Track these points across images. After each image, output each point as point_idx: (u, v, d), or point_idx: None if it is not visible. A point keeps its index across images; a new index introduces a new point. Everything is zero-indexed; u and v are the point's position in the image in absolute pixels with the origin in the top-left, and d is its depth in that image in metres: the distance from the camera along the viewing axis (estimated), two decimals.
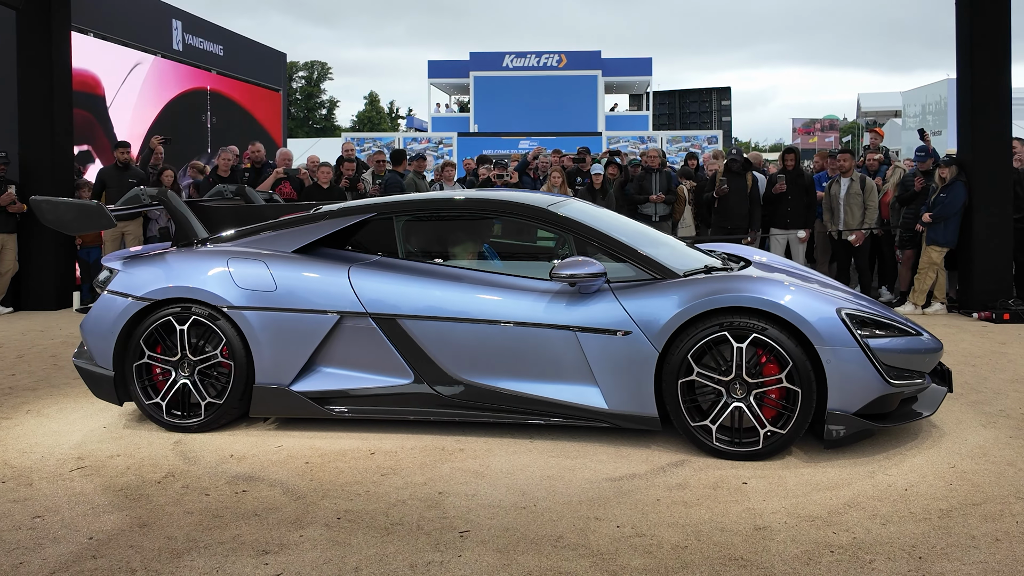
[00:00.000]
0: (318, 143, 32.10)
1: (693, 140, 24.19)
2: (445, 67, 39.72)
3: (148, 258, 4.98)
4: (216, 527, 3.41)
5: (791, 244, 9.71)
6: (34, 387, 5.93)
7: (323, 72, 66.00)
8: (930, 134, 12.83)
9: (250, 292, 4.64)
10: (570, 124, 33.20)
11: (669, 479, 3.92)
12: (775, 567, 3.02)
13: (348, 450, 4.38)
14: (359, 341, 4.59)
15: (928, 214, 8.87)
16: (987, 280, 8.81)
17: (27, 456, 4.36)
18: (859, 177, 9.41)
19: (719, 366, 4.17)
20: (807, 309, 4.12)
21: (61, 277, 10.09)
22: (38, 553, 3.19)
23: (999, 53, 8.90)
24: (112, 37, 13.42)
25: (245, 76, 18.17)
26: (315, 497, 3.73)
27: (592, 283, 4.36)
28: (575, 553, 3.14)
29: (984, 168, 8.88)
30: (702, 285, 4.29)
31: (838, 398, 4.09)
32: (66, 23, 10.34)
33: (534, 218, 4.83)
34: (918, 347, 4.35)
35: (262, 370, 4.63)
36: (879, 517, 3.45)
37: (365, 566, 3.06)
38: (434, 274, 4.67)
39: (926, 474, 3.95)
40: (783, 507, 3.56)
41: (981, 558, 3.08)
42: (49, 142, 10.01)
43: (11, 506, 3.65)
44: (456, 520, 3.45)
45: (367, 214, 4.95)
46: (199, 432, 4.68)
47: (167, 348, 4.71)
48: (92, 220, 5.07)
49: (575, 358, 4.36)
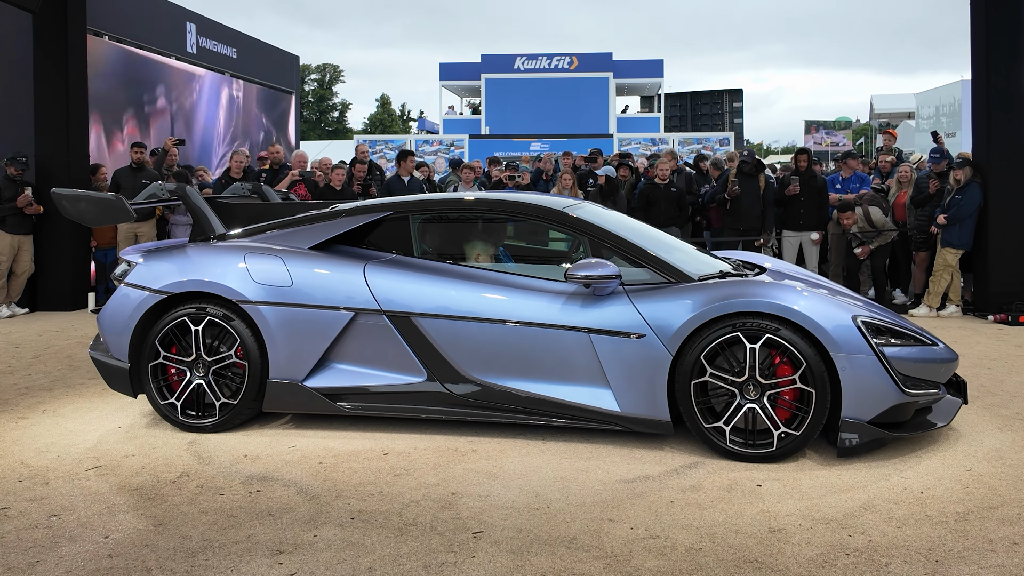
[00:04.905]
0: (330, 145, 32.21)
1: (705, 142, 24.13)
2: (456, 69, 39.75)
3: (165, 252, 5.02)
4: (230, 527, 3.42)
5: (804, 246, 9.67)
6: (50, 387, 5.97)
7: (335, 75, 66.24)
8: (944, 136, 12.75)
9: (266, 287, 4.66)
10: (581, 126, 33.16)
11: (683, 481, 3.91)
12: (790, 569, 3.01)
13: (361, 450, 4.39)
14: (373, 338, 4.60)
15: (943, 216, 8.82)
16: (1003, 282, 8.74)
17: (43, 455, 4.39)
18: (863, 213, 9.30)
19: (732, 367, 4.16)
20: (823, 316, 4.10)
21: (77, 278, 10.16)
22: (54, 552, 3.21)
23: (1014, 54, 8.84)
24: (127, 40, 13.52)
25: (258, 79, 18.27)
26: (329, 497, 3.74)
27: (607, 285, 4.36)
28: (589, 555, 3.14)
29: (999, 170, 8.82)
30: (717, 290, 4.28)
31: (853, 406, 4.07)
32: (82, 26, 10.42)
33: (550, 220, 4.84)
34: (933, 357, 4.32)
35: (276, 366, 4.65)
36: (895, 520, 3.43)
37: (379, 566, 3.06)
38: (449, 273, 4.67)
39: (942, 477, 3.93)
40: (798, 509, 3.55)
41: (998, 562, 3.05)
42: (65, 144, 10.09)
43: (28, 505, 3.68)
44: (469, 521, 3.46)
45: (383, 213, 4.97)
46: (214, 432, 4.70)
47: (182, 348, 4.74)
48: (112, 213, 5.09)
49: (588, 360, 4.35)
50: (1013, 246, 8.78)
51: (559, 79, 37.16)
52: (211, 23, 16.39)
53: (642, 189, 9.92)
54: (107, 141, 13.06)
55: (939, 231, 8.92)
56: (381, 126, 64.60)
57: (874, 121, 46.22)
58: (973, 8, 9.14)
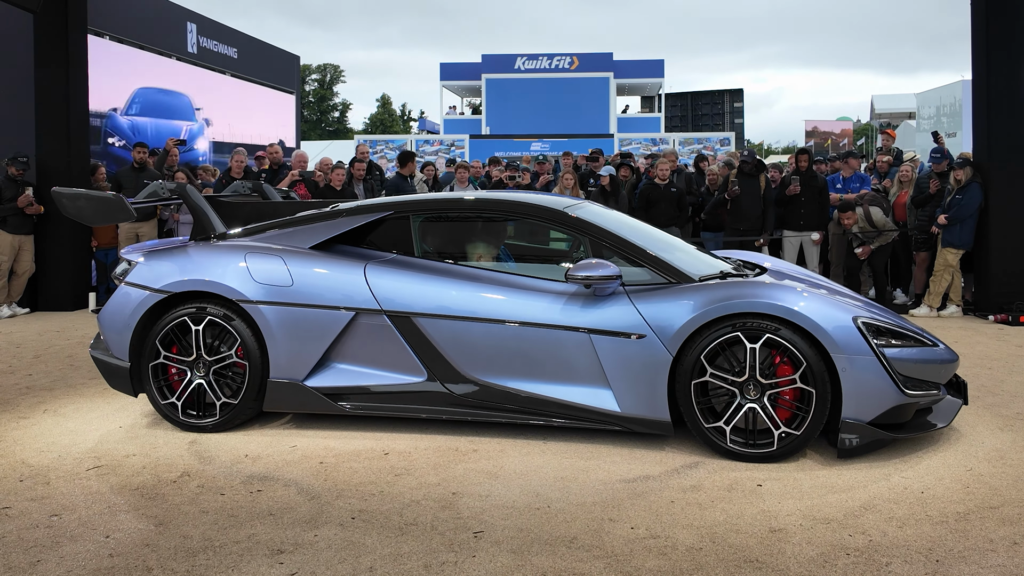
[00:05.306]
0: (331, 145, 32.22)
1: (705, 142, 24.13)
2: (457, 69, 39.76)
3: (165, 251, 5.02)
4: (231, 526, 3.42)
5: (804, 246, 9.67)
6: (51, 387, 5.98)
7: (336, 75, 66.25)
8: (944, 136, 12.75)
9: (266, 287, 4.67)
10: (582, 126, 33.17)
11: (683, 481, 3.91)
12: (790, 569, 3.01)
13: (362, 450, 4.39)
14: (373, 338, 4.61)
15: (943, 216, 8.81)
16: (1003, 282, 8.74)
17: (44, 455, 4.39)
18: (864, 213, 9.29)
19: (733, 367, 4.16)
20: (823, 316, 4.10)
21: (77, 278, 10.17)
22: (55, 551, 3.21)
23: (1015, 53, 8.83)
24: (128, 40, 13.53)
25: (259, 79, 18.27)
26: (329, 497, 3.74)
27: (607, 285, 4.36)
28: (589, 554, 3.14)
29: (1000, 170, 8.82)
30: (717, 290, 4.28)
31: (853, 407, 4.07)
32: (83, 26, 10.43)
33: (550, 220, 4.84)
34: (934, 358, 4.32)
35: (277, 365, 4.65)
36: (895, 520, 3.43)
37: (379, 566, 3.06)
38: (449, 273, 4.68)
39: (942, 477, 3.93)
40: (798, 509, 3.55)
41: (999, 562, 3.06)
42: (66, 144, 10.09)
43: (29, 504, 3.69)
44: (470, 521, 3.46)
45: (384, 212, 4.97)
46: (214, 432, 4.70)
47: (183, 348, 4.74)
48: (112, 212, 5.09)
49: (588, 360, 4.35)
50: (1014, 246, 8.77)
51: (560, 79, 37.16)
52: (212, 23, 16.40)
53: (642, 189, 9.91)
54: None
55: (940, 231, 8.92)
56: (382, 126, 64.61)
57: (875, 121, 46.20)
58: (973, 8, 9.14)
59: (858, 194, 9.78)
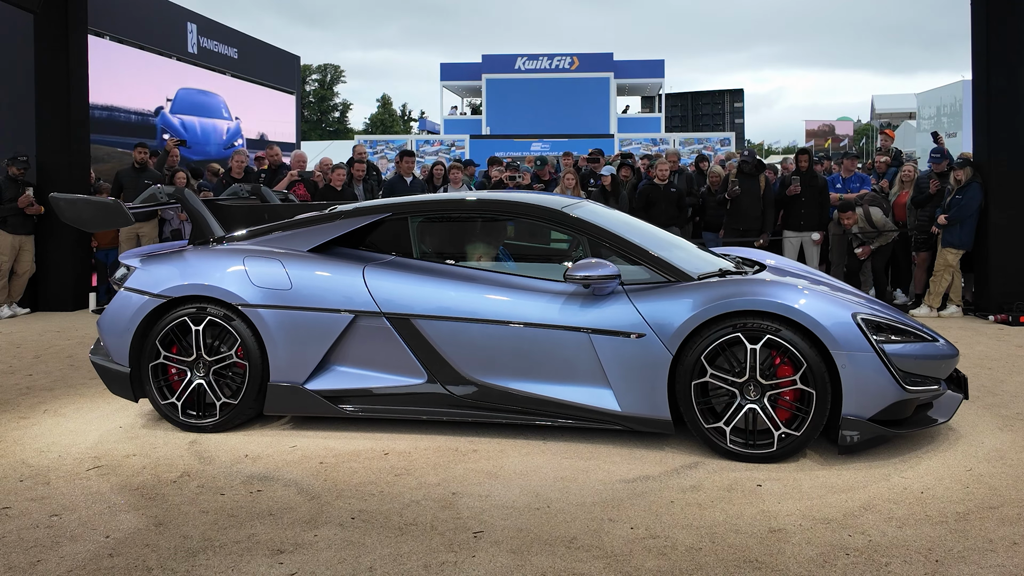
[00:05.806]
0: (331, 145, 32.22)
1: (706, 142, 24.13)
2: (457, 70, 39.79)
3: (164, 256, 5.02)
4: (231, 526, 3.42)
5: (805, 246, 9.67)
6: (51, 387, 5.98)
7: (336, 75, 66.26)
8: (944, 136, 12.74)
9: (266, 290, 4.67)
10: (582, 126, 33.19)
11: (683, 481, 3.91)
12: (790, 569, 3.01)
13: (362, 450, 4.40)
14: (373, 340, 4.61)
15: (943, 216, 8.81)
16: (1003, 282, 8.73)
17: (44, 455, 4.39)
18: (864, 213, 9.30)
19: (733, 368, 4.16)
20: (823, 313, 4.10)
21: (78, 278, 10.17)
22: (55, 551, 3.21)
23: (1014, 54, 8.83)
24: (128, 40, 13.54)
25: (259, 79, 18.27)
26: (329, 497, 3.74)
27: (606, 285, 4.36)
28: (589, 554, 3.14)
29: (1000, 169, 8.82)
30: (716, 288, 4.28)
31: (853, 403, 4.07)
32: (83, 26, 10.43)
33: (549, 220, 4.84)
34: (934, 353, 4.32)
35: (276, 368, 4.65)
36: (895, 520, 3.43)
37: (379, 566, 3.07)
38: (448, 274, 4.68)
39: (942, 477, 3.93)
40: (798, 509, 3.55)
41: (998, 562, 3.06)
42: (66, 144, 10.09)
43: (29, 504, 3.69)
44: (470, 521, 3.46)
45: (382, 214, 4.97)
46: (214, 432, 4.70)
47: (183, 348, 4.74)
48: (110, 217, 5.10)
49: (588, 360, 4.35)
50: (1013, 246, 8.77)
51: (560, 79, 37.18)
52: (212, 23, 16.40)
53: (642, 189, 9.91)
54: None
55: (940, 231, 8.92)
56: (382, 126, 64.62)
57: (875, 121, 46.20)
58: (973, 8, 9.13)
59: (858, 194, 9.78)
